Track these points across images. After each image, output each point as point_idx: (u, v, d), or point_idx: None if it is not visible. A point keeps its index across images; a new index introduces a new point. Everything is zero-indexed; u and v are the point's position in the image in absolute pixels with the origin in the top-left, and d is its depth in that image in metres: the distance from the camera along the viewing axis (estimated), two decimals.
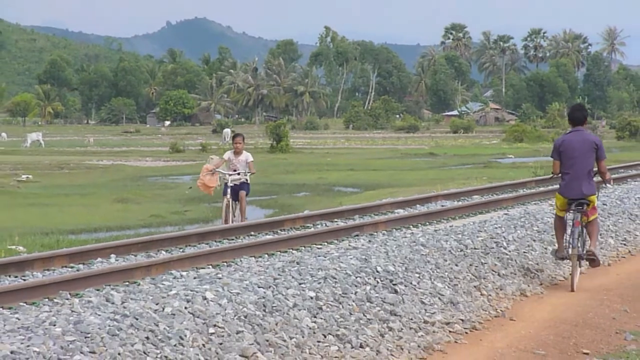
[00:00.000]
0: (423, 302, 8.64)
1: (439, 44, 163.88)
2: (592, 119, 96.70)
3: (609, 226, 13.75)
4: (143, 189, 32.62)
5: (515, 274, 10.48)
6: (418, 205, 16.07)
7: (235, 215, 14.55)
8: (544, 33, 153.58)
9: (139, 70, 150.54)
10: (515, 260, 10.86)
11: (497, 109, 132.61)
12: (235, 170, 14.70)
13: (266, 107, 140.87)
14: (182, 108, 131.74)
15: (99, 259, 10.11)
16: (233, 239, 11.97)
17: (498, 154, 55.02)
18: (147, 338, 6.34)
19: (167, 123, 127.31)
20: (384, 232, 12.45)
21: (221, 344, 6.67)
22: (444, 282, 9.32)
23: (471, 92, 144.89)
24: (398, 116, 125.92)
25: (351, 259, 9.31)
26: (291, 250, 10.87)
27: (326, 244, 11.45)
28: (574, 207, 10.41)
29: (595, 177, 10.64)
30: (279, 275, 8.43)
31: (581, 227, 10.45)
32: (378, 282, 8.71)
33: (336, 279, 8.46)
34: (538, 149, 56.86)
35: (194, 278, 8.44)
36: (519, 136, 72.52)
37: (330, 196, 28.91)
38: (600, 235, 11.37)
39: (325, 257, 9.49)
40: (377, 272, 8.91)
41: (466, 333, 8.30)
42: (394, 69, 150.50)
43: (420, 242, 10.62)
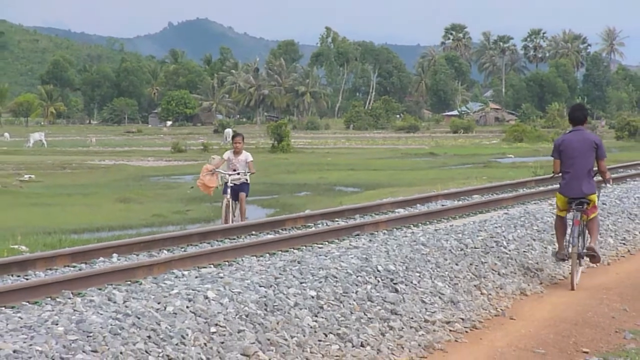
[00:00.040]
0: (423, 301, 8.67)
1: (439, 44, 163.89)
2: (591, 119, 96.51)
3: (608, 225, 13.79)
4: (145, 189, 32.61)
5: (515, 273, 10.51)
6: (418, 205, 16.09)
7: (235, 215, 14.59)
8: (543, 33, 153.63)
9: (141, 71, 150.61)
10: (515, 260, 10.89)
11: (497, 109, 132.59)
12: (235, 170, 14.74)
13: (267, 107, 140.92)
14: (184, 108, 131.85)
15: (101, 259, 10.13)
16: (234, 239, 11.99)
17: (498, 153, 54.99)
18: (149, 337, 6.36)
19: (169, 123, 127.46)
20: (385, 231, 12.47)
21: (223, 342, 6.69)
22: (445, 281, 9.34)
23: (471, 92, 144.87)
24: (398, 116, 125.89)
25: (352, 258, 9.34)
26: (292, 250, 10.88)
27: (327, 243, 11.48)
28: (574, 206, 10.44)
29: (595, 176, 10.68)
30: (280, 274, 8.45)
31: (580, 226, 10.48)
32: (379, 282, 8.74)
33: (337, 278, 8.48)
34: (538, 149, 56.84)
35: (196, 277, 8.44)
36: (519, 136, 72.52)
37: (331, 196, 28.91)
38: (600, 234, 11.40)
39: (326, 257, 9.52)
40: (378, 271, 8.94)
41: (466, 332, 8.32)
42: (395, 69, 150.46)
43: (421, 241, 10.64)
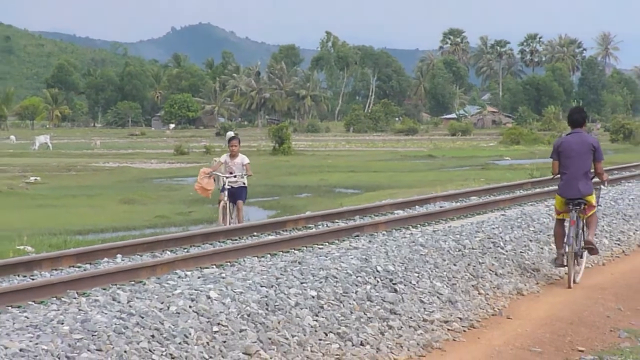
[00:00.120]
0: (422, 301, 8.73)
1: (438, 48, 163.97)
2: (587, 122, 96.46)
3: (603, 226, 13.84)
4: (148, 191, 32.59)
5: (512, 273, 10.57)
6: (417, 206, 16.04)
7: (232, 218, 14.67)
8: (539, 38, 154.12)
9: (144, 75, 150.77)
10: (512, 260, 10.95)
11: (494, 112, 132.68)
12: (231, 172, 14.83)
13: (269, 110, 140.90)
14: (187, 111, 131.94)
15: (105, 259, 10.14)
16: (236, 240, 12.00)
17: (495, 156, 54.91)
18: (153, 336, 6.43)
19: (172, 126, 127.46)
20: (384, 232, 12.45)
21: (225, 342, 6.75)
22: (443, 281, 9.40)
23: (469, 96, 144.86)
24: (397, 119, 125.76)
25: (352, 258, 9.38)
26: (293, 251, 10.88)
27: (327, 244, 11.46)
28: (572, 206, 10.52)
29: (593, 178, 10.78)
30: (281, 274, 8.49)
31: (577, 227, 10.55)
32: (378, 282, 8.79)
33: (337, 278, 8.53)
34: (534, 151, 56.69)
35: (198, 278, 8.48)
36: (516, 139, 72.46)
37: (331, 197, 28.91)
38: (596, 235, 11.49)
39: (327, 257, 9.56)
40: (377, 271, 8.99)
41: (464, 331, 8.37)
42: (394, 73, 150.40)
43: (420, 242, 10.68)
